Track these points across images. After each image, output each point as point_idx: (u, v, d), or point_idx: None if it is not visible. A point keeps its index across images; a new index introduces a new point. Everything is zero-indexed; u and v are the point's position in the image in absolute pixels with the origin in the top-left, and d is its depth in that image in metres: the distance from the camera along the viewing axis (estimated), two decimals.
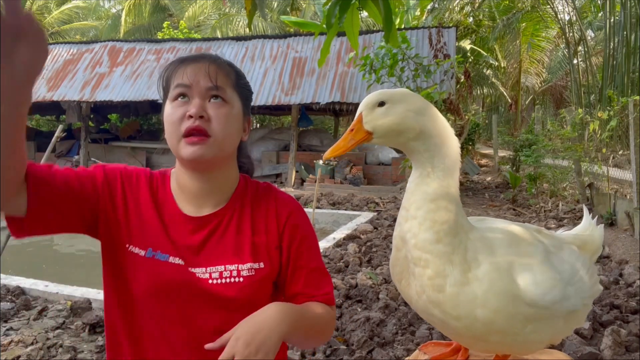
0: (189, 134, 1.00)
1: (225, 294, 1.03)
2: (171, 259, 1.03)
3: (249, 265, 1.05)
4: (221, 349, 0.91)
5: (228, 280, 1.03)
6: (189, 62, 1.06)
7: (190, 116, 1.00)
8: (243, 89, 1.11)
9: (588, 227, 1.48)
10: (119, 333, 1.07)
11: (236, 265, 1.04)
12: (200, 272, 1.04)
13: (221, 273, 1.04)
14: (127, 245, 1.04)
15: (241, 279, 1.04)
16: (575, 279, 1.22)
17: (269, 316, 0.94)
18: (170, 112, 1.03)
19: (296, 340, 1.04)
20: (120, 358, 1.07)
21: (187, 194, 1.08)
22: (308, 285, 1.09)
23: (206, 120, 1.01)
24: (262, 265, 1.06)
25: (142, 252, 1.04)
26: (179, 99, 1.03)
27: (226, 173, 1.10)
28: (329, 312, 1.09)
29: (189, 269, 1.04)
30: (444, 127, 1.15)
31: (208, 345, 0.92)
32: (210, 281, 1.03)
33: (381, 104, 1.13)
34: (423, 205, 1.11)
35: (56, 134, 4.40)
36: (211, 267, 1.04)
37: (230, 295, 1.03)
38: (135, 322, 1.05)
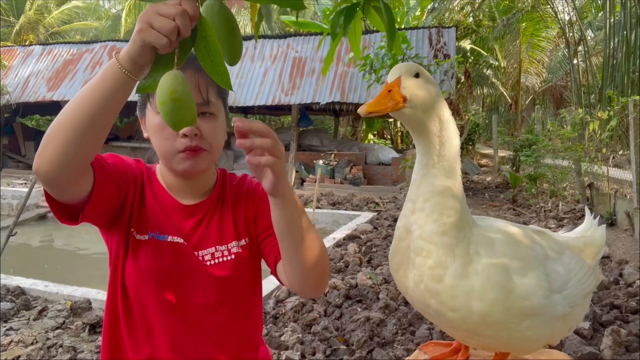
0: (184, 151, 1.03)
1: (219, 274, 1.08)
2: (170, 238, 1.07)
3: (234, 243, 1.11)
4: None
5: (220, 259, 1.09)
6: None
7: (185, 135, 1.02)
8: (223, 92, 1.11)
9: (589, 228, 1.48)
10: (121, 328, 1.09)
11: (225, 245, 1.11)
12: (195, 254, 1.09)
13: (213, 254, 1.09)
14: (132, 231, 1.07)
15: (232, 257, 1.10)
16: (568, 285, 1.22)
17: None
18: (158, 126, 1.03)
19: (290, 219, 0.93)
20: (120, 348, 1.10)
21: (172, 186, 1.13)
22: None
23: (199, 138, 1.04)
24: (246, 240, 1.13)
25: (145, 237, 1.07)
26: None
27: (208, 172, 1.15)
28: (319, 238, 1.02)
29: (188, 246, 1.08)
30: (451, 119, 1.18)
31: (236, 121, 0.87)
32: (204, 263, 1.08)
33: (417, 75, 1.13)
34: (431, 198, 1.12)
35: None
36: (202, 251, 1.09)
37: (224, 274, 1.09)
38: (136, 311, 1.08)
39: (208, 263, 1.08)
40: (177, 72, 0.76)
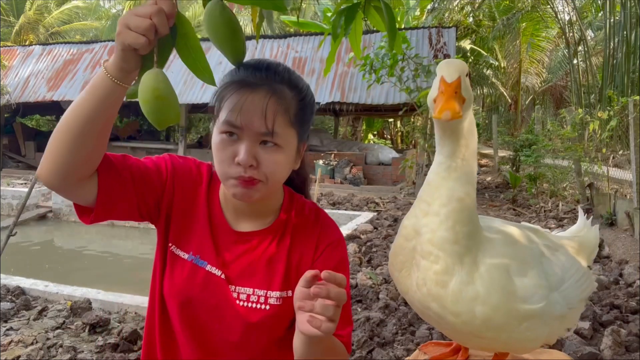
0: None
1: (249, 319, 1.00)
2: (208, 267, 1.01)
3: (277, 294, 1.01)
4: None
5: (255, 305, 1.01)
6: (246, 90, 0.93)
7: (239, 163, 0.92)
8: (302, 118, 0.99)
9: (583, 227, 1.49)
10: (155, 331, 1.07)
11: (264, 291, 1.01)
12: (231, 288, 1.01)
13: (249, 296, 1.01)
14: (170, 245, 1.03)
15: (267, 307, 1.00)
16: (564, 285, 1.22)
17: None
18: (217, 146, 0.95)
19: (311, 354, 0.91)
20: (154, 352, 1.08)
21: (230, 205, 1.06)
22: None
23: (255, 168, 0.93)
24: (289, 293, 1.02)
25: (185, 255, 1.02)
26: (227, 135, 0.94)
27: (271, 196, 1.05)
28: (345, 355, 1.00)
29: (224, 280, 1.01)
30: (474, 119, 1.14)
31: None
32: (237, 301, 1.01)
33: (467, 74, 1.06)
34: (448, 204, 1.07)
35: None
36: (240, 287, 1.01)
37: (253, 321, 1.00)
38: (166, 323, 1.05)
39: (241, 303, 1.00)
40: (158, 70, 0.77)
